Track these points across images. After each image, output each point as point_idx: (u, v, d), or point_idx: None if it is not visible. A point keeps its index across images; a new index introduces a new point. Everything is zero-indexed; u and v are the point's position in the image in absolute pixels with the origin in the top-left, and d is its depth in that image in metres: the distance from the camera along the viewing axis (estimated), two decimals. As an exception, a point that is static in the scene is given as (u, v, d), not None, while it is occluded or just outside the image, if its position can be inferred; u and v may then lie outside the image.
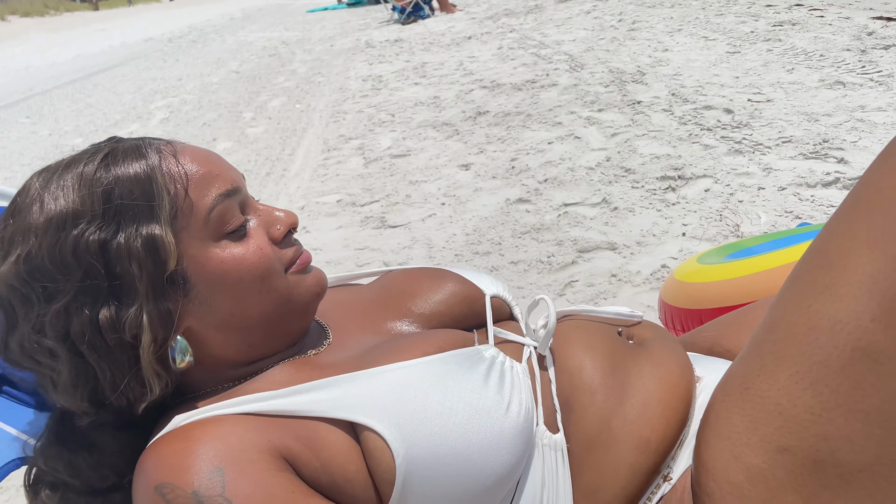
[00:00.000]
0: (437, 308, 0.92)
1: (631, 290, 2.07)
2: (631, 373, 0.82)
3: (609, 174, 2.91)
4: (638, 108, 3.70)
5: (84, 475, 0.74)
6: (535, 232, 2.52)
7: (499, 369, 0.78)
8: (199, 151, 0.77)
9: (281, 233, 0.79)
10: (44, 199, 0.70)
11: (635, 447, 0.76)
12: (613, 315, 0.93)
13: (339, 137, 4.18)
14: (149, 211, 0.70)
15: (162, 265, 0.70)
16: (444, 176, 3.25)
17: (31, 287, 0.68)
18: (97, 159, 0.72)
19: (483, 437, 0.71)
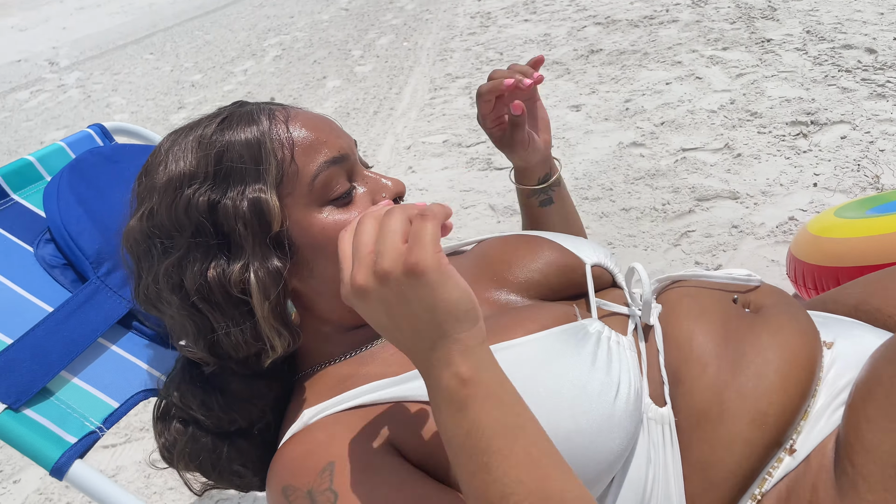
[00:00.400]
0: (532, 276, 0.88)
1: (753, 242, 1.94)
2: (746, 342, 0.76)
3: (733, 118, 2.72)
4: (767, 46, 3.41)
5: (215, 415, 0.77)
6: (650, 178, 2.40)
7: (605, 346, 0.74)
8: (311, 118, 0.78)
9: None
10: (167, 161, 0.74)
11: (751, 421, 0.71)
12: (728, 280, 0.86)
13: (445, 76, 4.11)
14: (255, 174, 0.72)
15: (266, 226, 0.71)
16: (553, 117, 3.14)
17: (152, 241, 0.73)
18: (215, 123, 0.75)
19: (593, 420, 0.68)
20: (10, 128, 4.96)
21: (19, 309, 0.90)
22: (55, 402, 0.84)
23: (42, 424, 0.81)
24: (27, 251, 0.98)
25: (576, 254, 0.90)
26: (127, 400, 0.90)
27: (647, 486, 0.72)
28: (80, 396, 0.87)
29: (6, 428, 0.79)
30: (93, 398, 0.88)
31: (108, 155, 1.11)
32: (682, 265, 1.94)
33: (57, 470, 0.78)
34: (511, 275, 0.89)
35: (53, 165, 1.09)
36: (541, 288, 0.88)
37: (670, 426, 0.73)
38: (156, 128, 4.23)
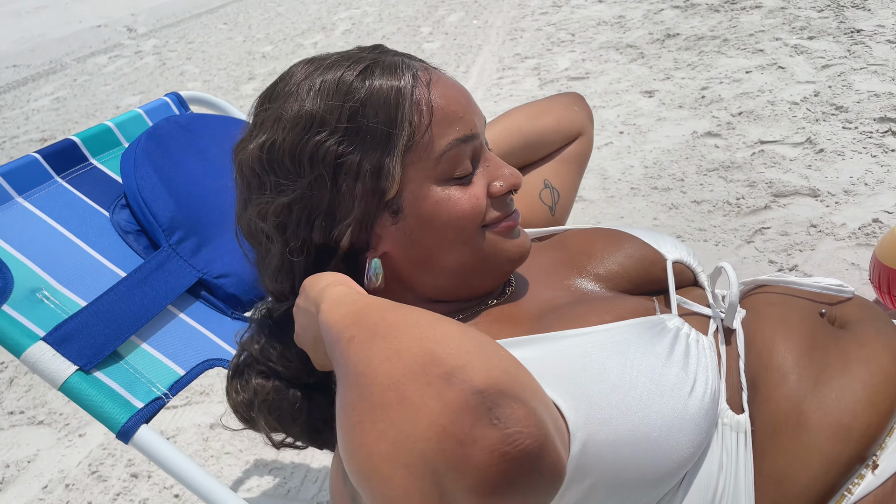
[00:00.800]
0: (613, 269, 0.86)
1: (832, 243, 1.85)
2: (831, 353, 0.72)
3: (816, 111, 2.59)
4: (857, 37, 3.24)
5: (294, 367, 0.78)
6: (724, 170, 2.31)
7: (684, 342, 0.70)
8: (452, 87, 0.75)
9: (501, 190, 0.77)
10: (300, 95, 0.72)
11: (832, 435, 0.67)
12: (819, 289, 0.81)
13: (514, 56, 4.05)
14: (387, 138, 0.71)
15: (382, 193, 0.71)
16: (624, 102, 3.05)
17: (267, 175, 0.73)
18: (357, 70, 0.72)
19: (665, 416, 0.64)
20: (89, 91, 5.13)
21: (93, 272, 0.92)
22: (124, 367, 0.86)
23: (111, 387, 0.82)
24: (103, 215, 1.00)
25: (657, 249, 0.87)
26: (193, 368, 0.91)
27: (716, 493, 0.68)
28: (148, 362, 0.88)
29: (77, 389, 0.80)
30: (160, 364, 0.89)
31: (183, 124, 1.12)
32: (754, 263, 1.86)
33: (123, 433, 0.79)
34: (591, 266, 0.87)
35: (131, 132, 1.11)
36: (621, 280, 0.86)
37: (746, 434, 0.70)
38: (227, 97, 4.31)
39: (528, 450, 0.43)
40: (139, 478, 1.64)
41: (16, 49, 7.08)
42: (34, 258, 0.89)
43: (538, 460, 0.43)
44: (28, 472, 1.71)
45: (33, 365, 0.80)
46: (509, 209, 0.79)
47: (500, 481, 0.42)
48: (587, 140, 1.11)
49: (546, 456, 0.44)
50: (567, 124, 1.08)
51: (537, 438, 0.43)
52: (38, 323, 0.83)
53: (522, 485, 0.43)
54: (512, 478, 0.43)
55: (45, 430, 1.84)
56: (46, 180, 0.98)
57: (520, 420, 0.43)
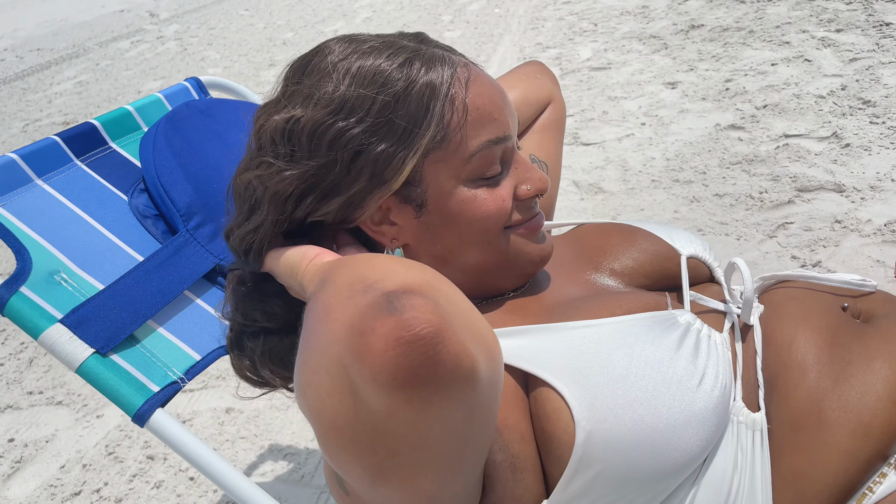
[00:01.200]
0: (628, 264, 0.86)
1: (857, 240, 1.82)
2: (852, 350, 0.70)
3: (843, 105, 2.54)
4: (886, 30, 3.17)
5: (281, 317, 0.78)
6: (747, 163, 2.28)
7: (694, 337, 0.70)
8: (489, 87, 0.75)
9: (527, 193, 0.76)
10: (336, 76, 0.71)
11: (851, 432, 0.65)
12: (840, 284, 0.80)
13: (536, 45, 4.02)
14: (411, 134, 0.70)
15: (382, 182, 0.71)
16: (646, 93, 3.02)
17: (283, 145, 0.72)
18: (397, 60, 0.71)
19: (672, 408, 0.63)
20: (111, 76, 5.16)
21: (111, 255, 0.92)
22: (141, 350, 0.86)
23: (127, 371, 0.82)
24: (122, 199, 1.00)
25: (671, 244, 0.86)
26: (209, 353, 0.91)
27: (730, 492, 0.67)
28: (164, 346, 0.88)
29: (93, 371, 0.80)
30: (177, 349, 0.89)
31: (202, 109, 1.12)
32: (777, 259, 1.84)
33: (139, 417, 0.79)
34: (607, 261, 0.87)
35: (151, 116, 1.11)
36: (636, 276, 0.85)
37: (762, 433, 0.69)
38: (247, 83, 4.31)
39: (421, 334, 0.43)
40: (155, 460, 1.65)
41: (39, 33, 7.14)
42: (53, 241, 0.89)
43: (434, 346, 0.43)
44: (46, 452, 1.73)
45: (50, 347, 0.80)
46: (533, 212, 0.78)
47: (399, 368, 0.43)
48: (558, 105, 1.10)
49: (444, 344, 0.44)
50: (535, 94, 1.07)
51: (433, 324, 0.44)
52: (56, 305, 0.83)
53: (425, 376, 0.44)
54: (410, 365, 0.43)
55: (64, 411, 1.86)
56: (66, 163, 0.99)
57: (416, 307, 0.44)
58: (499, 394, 0.54)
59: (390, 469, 0.50)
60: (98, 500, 1.57)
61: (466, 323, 0.49)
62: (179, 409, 1.79)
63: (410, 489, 0.53)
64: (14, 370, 2.05)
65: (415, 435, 0.48)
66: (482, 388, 0.48)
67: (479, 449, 0.55)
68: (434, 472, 0.52)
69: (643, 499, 0.65)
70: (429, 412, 0.46)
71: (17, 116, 4.59)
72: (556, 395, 0.65)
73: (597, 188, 2.37)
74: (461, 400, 0.47)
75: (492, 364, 0.50)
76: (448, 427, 0.49)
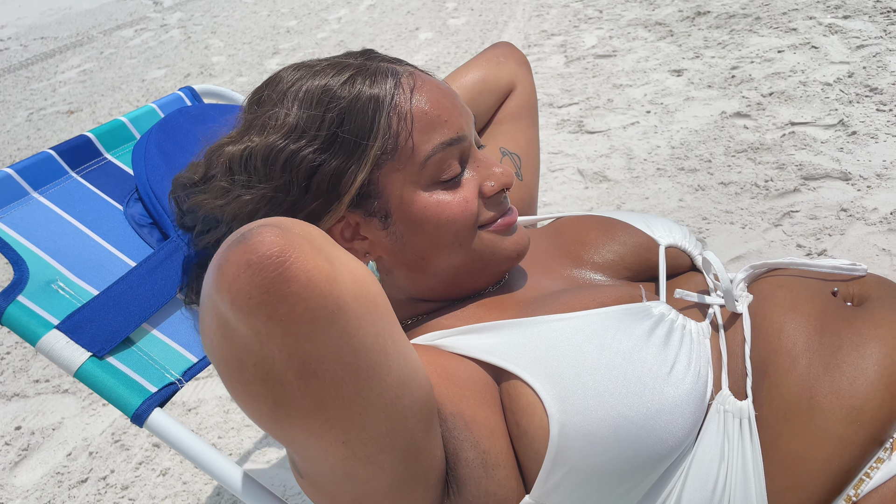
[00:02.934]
0: (608, 257, 0.87)
1: (863, 228, 1.81)
2: (843, 336, 0.70)
3: (850, 92, 2.53)
4: (894, 17, 3.14)
5: None
6: (753, 151, 2.27)
7: (666, 327, 0.70)
8: (436, 91, 0.75)
9: (493, 190, 0.77)
10: (284, 102, 0.73)
11: (844, 417, 0.66)
12: (830, 269, 0.80)
13: (540, 33, 3.99)
14: (358, 147, 0.71)
15: (337, 196, 0.72)
16: (652, 81, 3.00)
17: (239, 173, 0.74)
18: (341, 78, 0.73)
19: (643, 398, 0.64)
20: (115, 64, 5.15)
21: (107, 264, 0.93)
22: (137, 353, 0.87)
23: (124, 373, 0.83)
24: (117, 209, 1.01)
25: (650, 235, 0.86)
26: (205, 356, 0.92)
27: (717, 483, 0.67)
28: (160, 349, 0.89)
29: (91, 374, 0.81)
30: (173, 351, 0.90)
31: (195, 114, 1.12)
32: (782, 247, 1.83)
33: (137, 417, 0.80)
34: (587, 254, 0.87)
35: (145, 126, 1.11)
36: (618, 268, 0.86)
37: (750, 420, 0.69)
38: (251, 72, 4.30)
39: (267, 254, 0.46)
40: (161, 447, 1.66)
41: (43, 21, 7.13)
42: (49, 251, 0.90)
43: (282, 263, 0.46)
44: (53, 440, 1.74)
45: (48, 352, 0.81)
46: (504, 207, 0.79)
47: (252, 288, 0.46)
48: (525, 89, 1.09)
49: (293, 261, 0.46)
50: (495, 80, 1.06)
51: (278, 245, 0.46)
52: (53, 312, 0.84)
53: (278, 292, 0.46)
54: (261, 283, 0.46)
55: (70, 399, 1.87)
56: (62, 175, 0.99)
57: (262, 234, 0.47)
58: (379, 319, 0.54)
59: (286, 402, 0.52)
60: (105, 487, 1.59)
61: (322, 247, 0.51)
62: (185, 398, 1.80)
63: (318, 430, 0.54)
64: (20, 358, 2.07)
65: (293, 357, 0.49)
66: (347, 304, 0.49)
67: (378, 385, 0.54)
68: (333, 405, 0.52)
69: (623, 488, 0.66)
70: (296, 329, 0.48)
71: (21, 105, 4.59)
72: (529, 389, 0.65)
73: (601, 177, 2.36)
74: (326, 316, 0.48)
75: (357, 283, 0.52)
76: (324, 348, 0.50)
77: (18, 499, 1.59)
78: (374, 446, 0.56)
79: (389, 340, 0.55)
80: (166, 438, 0.80)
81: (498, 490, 0.65)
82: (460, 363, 0.69)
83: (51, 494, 1.59)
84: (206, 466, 0.78)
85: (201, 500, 1.52)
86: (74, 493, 1.58)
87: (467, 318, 0.76)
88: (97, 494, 1.57)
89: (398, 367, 0.56)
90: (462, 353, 0.70)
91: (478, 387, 0.68)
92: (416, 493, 0.61)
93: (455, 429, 0.64)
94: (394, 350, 0.56)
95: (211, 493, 1.53)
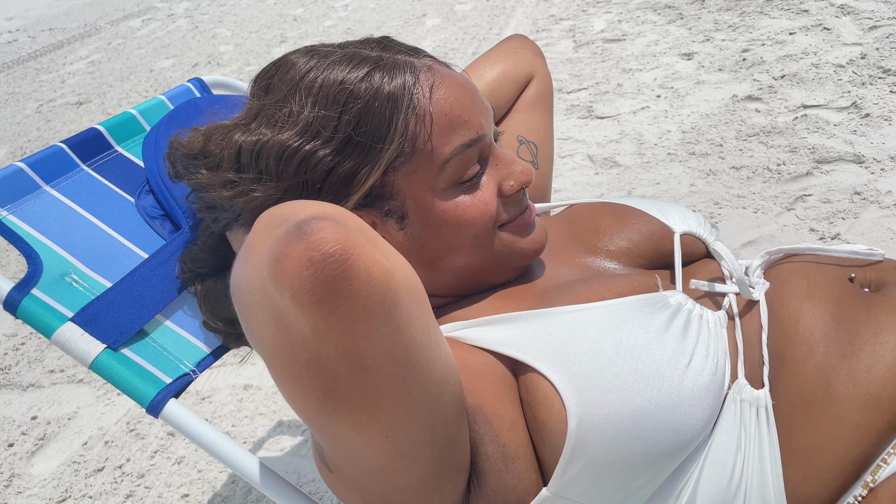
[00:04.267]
0: (623, 245, 0.85)
1: (877, 212, 1.80)
2: (860, 322, 0.69)
3: (863, 74, 2.50)
4: (909, -5, 3.10)
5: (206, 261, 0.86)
6: (765, 135, 2.25)
7: (684, 317, 0.69)
8: (456, 87, 0.73)
9: (512, 189, 0.76)
10: (297, 95, 0.70)
11: (861, 404, 0.65)
12: (847, 255, 0.79)
13: (548, 18, 3.96)
14: (373, 150, 0.69)
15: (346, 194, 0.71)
16: (661, 65, 2.98)
17: (249, 166, 0.71)
18: (360, 73, 0.70)
19: (661, 390, 0.63)
20: (123, 55, 5.16)
21: (120, 256, 0.93)
22: (152, 344, 0.87)
23: (139, 364, 0.84)
24: (129, 202, 1.01)
25: (664, 222, 0.85)
26: (219, 347, 0.92)
27: (734, 473, 0.67)
28: (175, 340, 0.89)
29: (106, 366, 0.82)
30: (187, 342, 0.90)
31: (204, 106, 1.11)
32: (794, 231, 1.82)
33: (153, 408, 0.80)
34: (601, 242, 0.86)
35: (154, 118, 1.11)
36: (633, 256, 0.85)
37: (767, 409, 0.68)
38: (259, 60, 4.30)
39: (330, 252, 0.46)
40: (176, 436, 1.68)
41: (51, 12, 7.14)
42: (62, 244, 0.91)
43: (344, 261, 0.46)
44: (69, 429, 1.76)
45: (63, 345, 0.82)
46: (523, 206, 0.78)
47: (315, 285, 0.47)
48: (542, 79, 1.09)
49: (354, 259, 0.47)
50: (514, 71, 1.05)
51: (340, 241, 0.47)
52: (67, 304, 0.85)
53: (340, 289, 0.47)
54: (325, 280, 0.46)
55: (85, 389, 1.89)
56: (73, 169, 1.00)
57: (323, 229, 0.47)
58: (426, 315, 0.55)
59: (336, 395, 0.52)
60: (121, 475, 1.60)
61: (376, 241, 0.51)
62: (199, 388, 1.81)
63: (364, 423, 0.54)
64: (35, 349, 2.08)
65: (348, 353, 0.50)
66: (402, 300, 0.50)
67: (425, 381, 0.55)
68: (382, 400, 0.53)
69: (641, 480, 0.65)
70: (354, 326, 0.48)
71: (31, 97, 4.61)
72: (547, 382, 0.65)
73: (612, 162, 2.35)
74: (383, 312, 0.49)
75: (408, 279, 0.52)
76: (379, 344, 0.50)
77: (36, 487, 1.61)
78: (415, 441, 0.57)
79: (434, 336, 0.56)
80: (181, 429, 0.80)
81: (517, 483, 0.65)
82: (479, 356, 0.69)
83: (67, 483, 1.60)
84: (221, 456, 0.79)
85: (216, 487, 1.53)
86: (91, 481, 1.60)
87: (483, 309, 0.75)
88: (113, 483, 1.59)
89: (441, 363, 0.56)
90: (479, 345, 0.70)
91: (496, 380, 0.67)
92: (447, 488, 0.61)
93: (475, 423, 0.64)
94: (437, 346, 0.56)
95: (226, 480, 1.54)
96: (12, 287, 0.84)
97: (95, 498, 1.56)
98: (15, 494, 1.60)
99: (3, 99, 4.75)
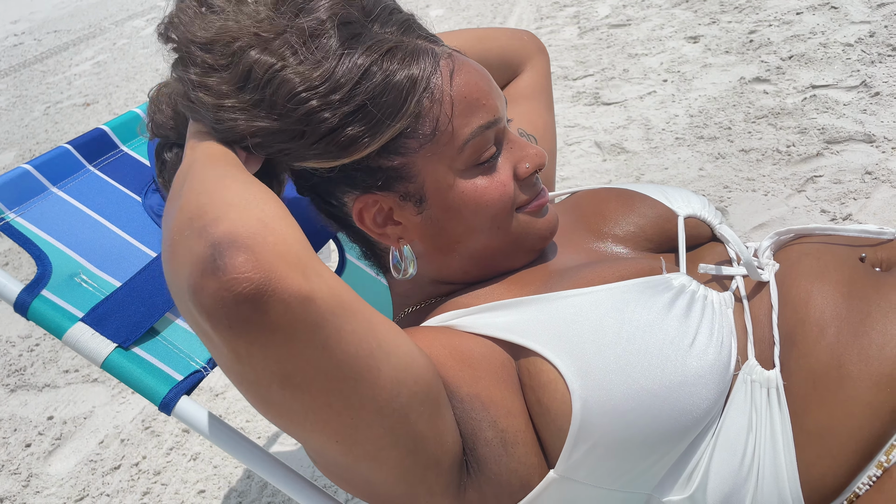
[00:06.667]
0: (629, 229, 0.86)
1: (888, 191, 1.78)
2: (871, 302, 0.69)
3: (872, 52, 2.47)
4: (918, -29, 3.06)
5: (173, 128, 0.82)
6: (774, 117, 2.22)
7: (687, 298, 0.69)
8: (474, 73, 0.74)
9: (527, 171, 0.76)
10: (326, 38, 0.67)
11: (873, 384, 0.65)
12: (857, 234, 0.78)
13: (553, 4, 3.94)
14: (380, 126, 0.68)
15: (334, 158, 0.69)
16: (668, 49, 2.95)
17: (255, 88, 0.67)
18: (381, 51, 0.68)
19: (665, 370, 0.63)
20: (128, 54, 5.17)
21: (129, 255, 0.94)
22: (162, 342, 0.87)
23: (150, 362, 0.84)
24: (136, 201, 1.01)
25: (668, 206, 0.85)
26: None
27: (746, 453, 0.67)
28: (185, 337, 0.90)
29: (117, 365, 0.82)
30: (197, 339, 0.90)
31: None
32: (805, 213, 1.80)
33: (165, 405, 0.81)
34: (607, 227, 0.86)
35: None
36: (639, 240, 0.85)
37: (778, 390, 0.68)
38: (262, 56, 4.29)
39: (244, 292, 0.48)
40: (191, 433, 1.69)
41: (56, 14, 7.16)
42: (71, 244, 0.91)
43: (258, 298, 0.48)
44: (85, 428, 1.78)
45: (74, 345, 0.82)
46: (538, 188, 0.78)
47: (232, 321, 0.49)
48: (539, 70, 1.09)
49: (269, 295, 0.48)
50: (511, 53, 1.06)
51: (253, 280, 0.48)
52: (77, 305, 0.85)
53: (257, 323, 0.49)
54: (239, 316, 0.48)
55: (100, 388, 1.90)
56: (79, 169, 1.00)
57: (237, 268, 0.48)
58: (362, 326, 0.55)
59: (274, 406, 0.55)
60: (137, 473, 1.62)
61: (297, 260, 0.52)
62: (212, 384, 1.82)
63: (310, 430, 0.56)
64: (49, 349, 2.10)
65: (275, 374, 0.52)
66: (326, 321, 0.51)
67: (369, 390, 0.55)
68: (321, 411, 0.54)
69: (649, 460, 0.65)
70: (276, 352, 0.50)
71: (38, 99, 4.63)
72: (550, 366, 0.65)
73: (619, 148, 2.34)
74: (304, 337, 0.50)
75: (334, 296, 0.53)
76: (306, 365, 0.52)
77: (53, 486, 1.63)
78: (372, 446, 0.57)
79: (375, 344, 0.56)
80: (194, 426, 0.80)
81: (519, 467, 0.65)
82: (476, 342, 0.69)
83: (85, 482, 1.62)
84: (235, 452, 0.79)
85: (232, 483, 1.54)
86: (108, 479, 1.61)
87: (486, 296, 0.76)
88: (130, 480, 1.60)
89: (389, 368, 0.56)
90: (478, 331, 0.70)
91: (494, 366, 0.67)
92: (429, 478, 0.62)
93: (472, 410, 0.64)
94: (381, 352, 0.56)
95: (241, 475, 1.55)
96: (22, 289, 0.84)
97: (113, 496, 1.57)
98: (33, 494, 1.62)
99: (10, 102, 4.78)
